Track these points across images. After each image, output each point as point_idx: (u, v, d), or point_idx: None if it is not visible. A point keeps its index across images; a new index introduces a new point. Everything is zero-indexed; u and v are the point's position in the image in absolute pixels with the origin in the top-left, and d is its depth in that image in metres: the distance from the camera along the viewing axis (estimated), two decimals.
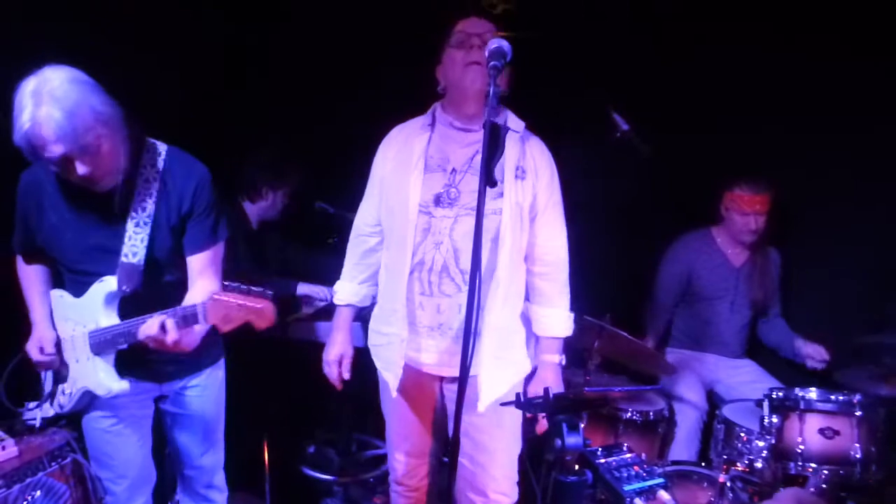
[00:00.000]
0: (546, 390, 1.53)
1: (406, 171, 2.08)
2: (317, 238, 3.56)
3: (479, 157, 1.96)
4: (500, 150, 1.68)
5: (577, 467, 1.56)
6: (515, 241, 2.05)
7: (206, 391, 2.24)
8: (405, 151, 2.12)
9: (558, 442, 1.49)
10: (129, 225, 1.94)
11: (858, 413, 2.52)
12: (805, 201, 3.47)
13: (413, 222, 2.04)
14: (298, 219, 3.49)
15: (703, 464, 2.86)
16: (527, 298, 2.19)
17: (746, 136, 3.45)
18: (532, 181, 2.06)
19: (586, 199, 2.63)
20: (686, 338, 3.51)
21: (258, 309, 1.75)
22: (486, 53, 1.69)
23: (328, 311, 3.31)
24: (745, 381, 3.33)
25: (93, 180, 1.83)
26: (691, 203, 3.54)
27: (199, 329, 1.92)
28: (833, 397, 2.56)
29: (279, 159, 3.27)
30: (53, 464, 2.40)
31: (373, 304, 2.34)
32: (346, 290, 2.35)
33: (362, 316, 2.45)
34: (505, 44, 1.68)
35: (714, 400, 3.35)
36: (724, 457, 2.75)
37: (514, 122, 2.11)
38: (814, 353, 3.17)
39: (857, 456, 2.50)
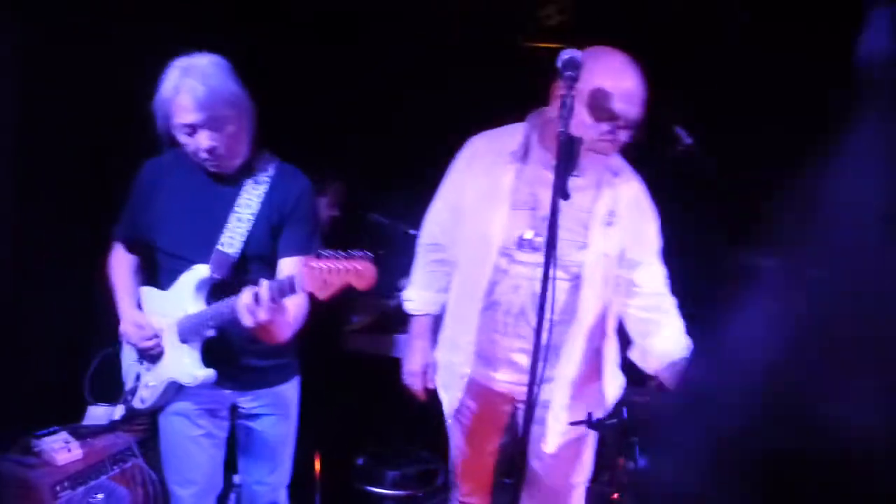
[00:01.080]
0: (622, 410, 1.49)
1: (490, 203, 1.96)
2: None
3: (570, 209, 1.84)
4: (574, 163, 1.64)
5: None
6: (600, 292, 1.95)
7: (279, 411, 2.24)
8: (492, 176, 2.00)
9: (631, 464, 1.45)
10: (232, 217, 2.02)
11: None
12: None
13: (492, 262, 1.96)
14: (352, 230, 3.51)
15: None
16: (628, 341, 2.06)
17: None
18: (624, 226, 1.93)
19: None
20: None
21: (358, 270, 1.73)
22: (559, 63, 1.63)
23: (380, 323, 3.33)
24: None
25: (213, 156, 1.95)
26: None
27: (292, 311, 1.93)
28: None
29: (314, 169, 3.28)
30: (115, 467, 2.46)
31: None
32: (423, 299, 2.28)
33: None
34: (578, 54, 1.62)
35: None
36: None
37: (617, 163, 1.97)
38: None
39: None
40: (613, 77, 1.80)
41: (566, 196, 1.57)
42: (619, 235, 1.93)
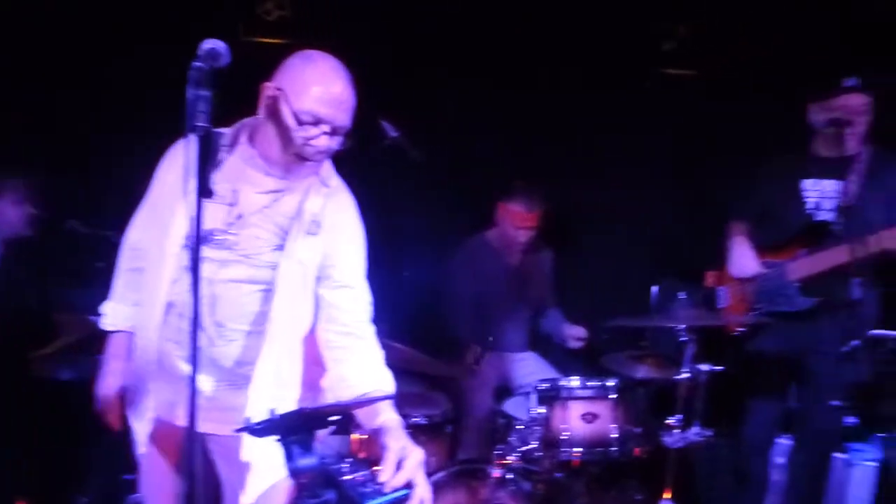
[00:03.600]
0: (271, 410, 1.45)
1: (179, 195, 1.76)
2: (81, 265, 3.22)
3: (271, 211, 1.78)
4: (213, 159, 1.55)
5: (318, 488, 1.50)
6: (296, 304, 1.86)
7: None
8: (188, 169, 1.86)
9: (289, 465, 1.43)
10: None
11: (613, 396, 2.72)
12: (575, 201, 3.76)
13: (173, 256, 1.80)
14: (50, 240, 3.15)
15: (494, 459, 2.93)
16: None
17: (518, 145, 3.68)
18: (327, 238, 1.86)
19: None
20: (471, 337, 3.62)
21: None
22: (200, 52, 1.51)
23: (85, 344, 3.02)
24: (528, 372, 3.49)
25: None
26: (463, 210, 3.69)
27: None
28: (590, 383, 2.73)
29: None
30: None
31: None
32: (117, 313, 2.04)
33: None
34: (220, 45, 1.48)
35: (501, 394, 3.49)
36: (501, 450, 2.85)
37: (327, 174, 1.90)
38: (574, 334, 3.44)
39: (615, 436, 2.69)
40: (321, 81, 1.75)
41: (209, 194, 1.49)
42: (321, 248, 1.86)
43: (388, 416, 1.77)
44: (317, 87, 1.75)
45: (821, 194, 2.99)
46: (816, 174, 2.99)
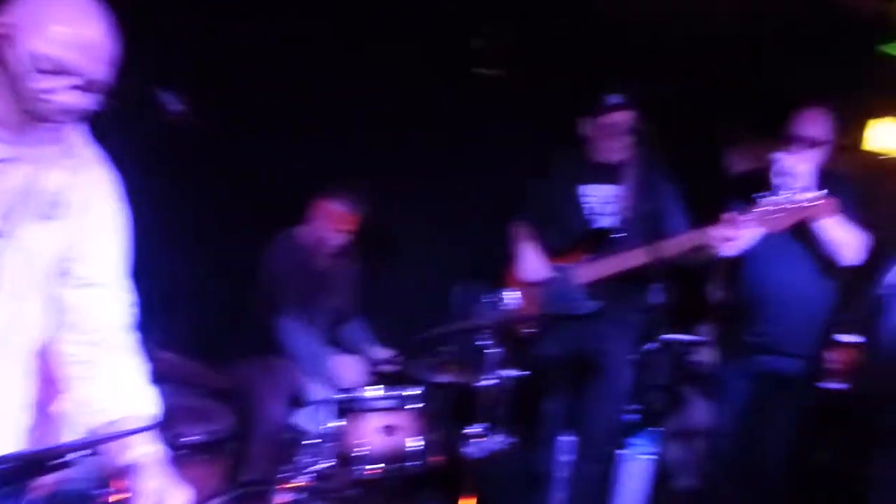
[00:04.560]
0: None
1: None
2: None
3: None
4: None
5: None
6: (18, 305, 1.46)
7: None
8: None
9: None
10: None
11: (415, 406, 2.55)
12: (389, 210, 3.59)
13: None
14: None
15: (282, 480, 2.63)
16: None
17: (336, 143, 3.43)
18: (72, 224, 1.48)
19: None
20: (269, 343, 3.28)
21: None
22: None
23: None
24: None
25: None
26: (273, 206, 3.36)
27: None
28: (391, 394, 2.54)
29: None
30: None
31: None
32: None
33: None
34: None
35: (297, 404, 3.19)
36: (292, 468, 2.57)
37: (77, 142, 1.50)
38: (382, 357, 3.28)
39: (415, 449, 2.52)
40: (68, 20, 1.36)
41: None
42: (63, 236, 1.47)
43: (141, 450, 1.43)
44: (61, 27, 1.35)
45: (598, 200, 3.07)
46: (593, 179, 3.06)
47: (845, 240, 2.79)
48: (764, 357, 3.00)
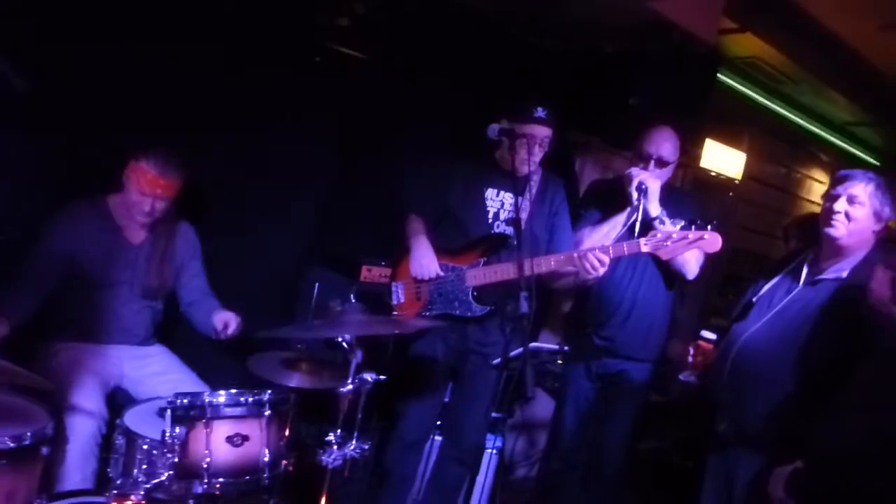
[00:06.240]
0: None
1: None
2: None
3: None
4: None
5: None
6: None
7: None
8: None
9: None
10: None
11: (268, 412, 2.33)
12: (227, 180, 3.28)
13: None
14: None
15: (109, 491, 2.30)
16: None
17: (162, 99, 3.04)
18: None
19: None
20: (77, 329, 2.88)
21: None
22: None
23: None
24: (154, 372, 2.93)
25: None
26: (89, 166, 2.92)
27: None
28: (242, 399, 2.31)
29: None
30: None
31: None
32: None
33: None
34: None
35: (121, 402, 2.81)
36: (120, 480, 2.27)
37: None
38: (221, 319, 2.93)
39: (266, 460, 2.31)
40: None
41: None
42: None
43: None
44: None
45: (500, 205, 3.07)
46: (498, 185, 3.05)
47: (692, 258, 3.01)
48: (608, 360, 3.19)
